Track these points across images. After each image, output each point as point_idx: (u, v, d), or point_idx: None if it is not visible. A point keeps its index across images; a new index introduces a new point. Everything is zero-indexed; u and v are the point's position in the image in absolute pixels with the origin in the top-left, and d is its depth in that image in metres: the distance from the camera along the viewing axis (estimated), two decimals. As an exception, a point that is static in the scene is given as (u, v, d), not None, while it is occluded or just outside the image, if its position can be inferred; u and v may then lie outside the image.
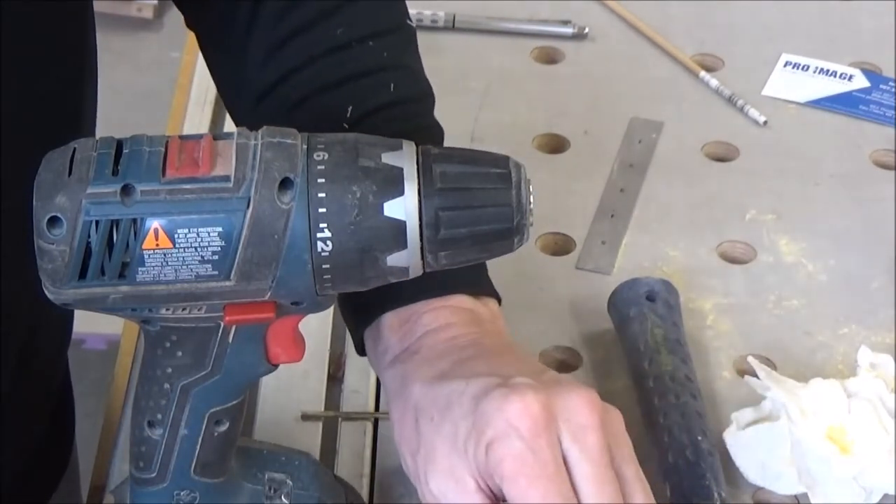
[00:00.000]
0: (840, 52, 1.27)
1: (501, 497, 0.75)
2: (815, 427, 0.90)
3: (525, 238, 0.72)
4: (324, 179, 0.68)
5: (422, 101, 0.91)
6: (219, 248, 0.68)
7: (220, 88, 0.96)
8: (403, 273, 0.71)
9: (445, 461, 0.76)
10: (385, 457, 0.94)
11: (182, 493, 0.78)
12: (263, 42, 0.89)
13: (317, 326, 1.03)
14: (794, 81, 1.24)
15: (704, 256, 1.09)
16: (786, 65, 1.26)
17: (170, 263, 0.68)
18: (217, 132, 0.71)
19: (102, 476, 0.98)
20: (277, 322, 0.73)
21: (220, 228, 0.67)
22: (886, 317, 1.03)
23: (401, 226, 0.69)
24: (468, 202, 0.70)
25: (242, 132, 0.70)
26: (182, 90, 1.28)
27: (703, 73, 1.25)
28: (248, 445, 0.84)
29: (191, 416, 0.75)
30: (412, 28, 0.93)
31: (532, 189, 0.71)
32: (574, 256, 1.08)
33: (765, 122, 1.20)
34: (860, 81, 1.24)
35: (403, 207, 0.69)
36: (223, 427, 0.76)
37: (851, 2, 1.33)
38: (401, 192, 0.69)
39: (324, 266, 0.69)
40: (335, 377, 1.02)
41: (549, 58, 1.28)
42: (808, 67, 1.26)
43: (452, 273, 0.79)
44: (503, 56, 1.27)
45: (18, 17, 0.80)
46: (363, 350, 0.88)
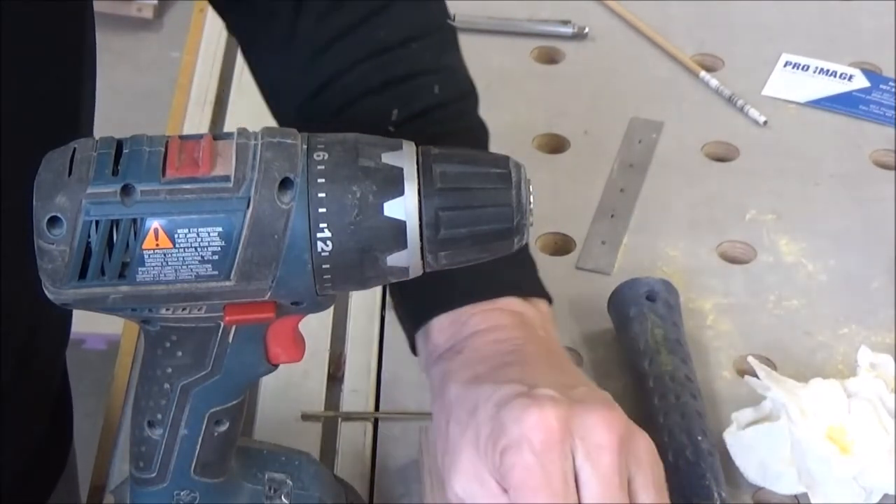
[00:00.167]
0: (840, 52, 1.27)
1: None
2: (815, 427, 0.90)
3: (525, 238, 0.72)
4: (324, 179, 0.68)
5: (465, 101, 0.91)
6: (219, 248, 0.68)
7: (263, 93, 0.95)
8: (403, 273, 0.71)
9: (469, 464, 0.77)
10: (385, 457, 0.94)
11: (182, 493, 0.78)
12: (305, 47, 0.88)
13: (317, 326, 1.03)
14: (794, 81, 1.24)
15: (704, 256, 1.09)
16: (786, 65, 1.26)
17: (170, 263, 0.68)
18: (217, 132, 0.71)
19: (102, 476, 0.98)
20: (277, 322, 0.73)
21: (220, 228, 0.67)
22: (886, 317, 1.03)
23: (401, 226, 0.69)
24: (468, 202, 0.70)
25: (242, 132, 0.70)
26: (182, 90, 1.28)
27: (703, 73, 1.25)
28: (248, 445, 0.84)
29: (191, 416, 0.75)
30: (453, 27, 0.92)
31: (532, 189, 0.71)
32: (574, 256, 1.08)
33: (765, 122, 1.20)
34: (860, 81, 1.24)
35: (403, 207, 0.69)
36: (223, 427, 0.76)
37: (851, 2, 1.34)
38: (401, 192, 0.69)
39: (324, 266, 0.69)
40: (335, 377, 1.02)
41: (549, 58, 1.28)
42: (808, 67, 1.26)
43: (502, 275, 0.79)
44: (503, 56, 1.27)
45: (17, 17, 0.80)
46: (416, 350, 0.89)
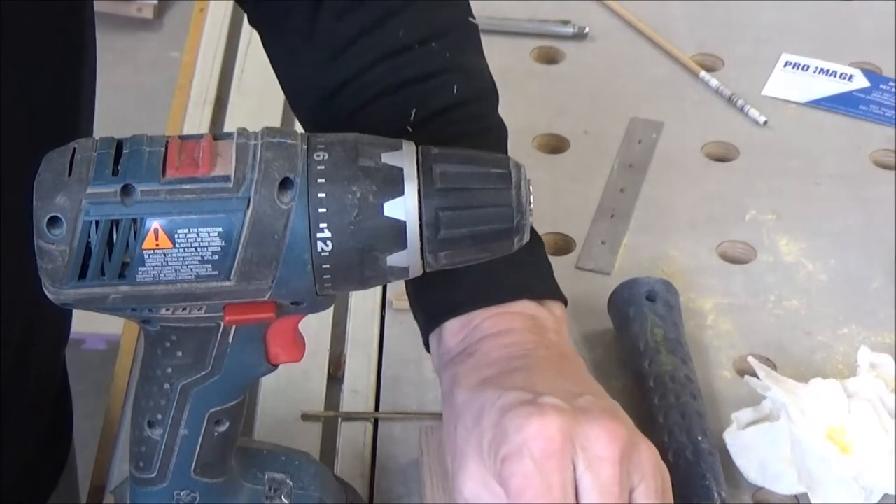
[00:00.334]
0: (840, 52, 1.27)
1: None
2: (815, 427, 0.90)
3: (525, 238, 0.72)
4: (324, 179, 0.68)
5: (485, 101, 0.90)
6: (219, 248, 0.68)
7: (285, 91, 0.94)
8: (403, 273, 0.71)
9: (476, 469, 0.76)
10: (385, 457, 0.94)
11: (182, 493, 0.78)
12: (324, 45, 0.88)
13: (317, 326, 1.03)
14: (794, 81, 1.24)
15: (704, 256, 1.09)
16: (786, 65, 1.26)
17: (170, 263, 0.68)
18: (217, 132, 0.71)
19: (102, 476, 0.98)
20: (277, 322, 0.73)
21: (220, 228, 0.67)
22: (886, 317, 1.03)
23: (401, 226, 0.69)
24: (468, 202, 0.70)
25: (242, 132, 0.70)
26: (182, 90, 1.28)
27: (703, 73, 1.25)
28: (248, 445, 0.84)
29: (191, 416, 0.75)
30: (474, 25, 0.91)
31: (532, 189, 0.71)
32: (574, 256, 1.08)
33: (765, 122, 1.20)
34: (860, 81, 1.24)
35: (403, 207, 0.69)
36: (223, 427, 0.76)
37: (851, 2, 1.33)
38: (401, 192, 0.69)
39: (324, 266, 0.69)
40: (335, 377, 1.02)
41: (549, 58, 1.28)
42: (808, 67, 1.26)
43: (516, 278, 0.78)
44: (503, 56, 1.27)
45: (16, 17, 0.80)
46: (429, 349, 0.88)
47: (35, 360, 0.96)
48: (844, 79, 1.24)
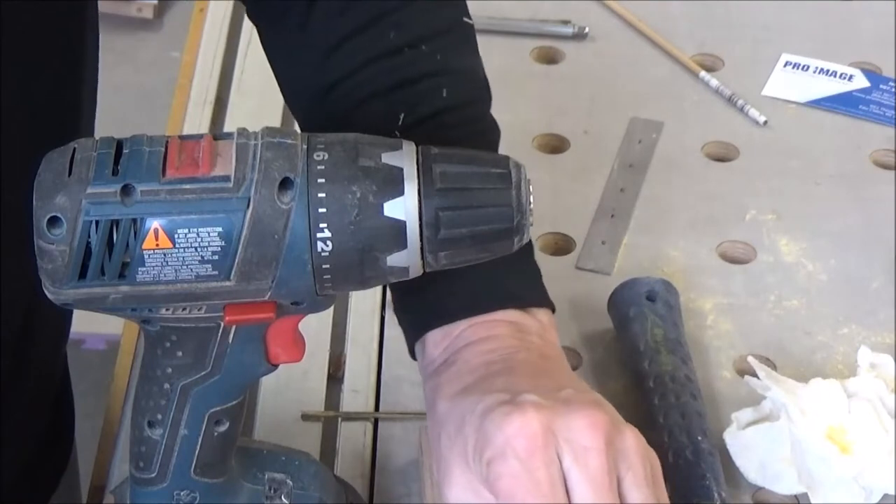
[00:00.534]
0: (840, 52, 1.27)
1: None
2: (815, 427, 0.90)
3: (525, 238, 0.72)
4: (324, 179, 0.68)
5: (475, 104, 0.90)
6: (219, 248, 0.68)
7: (281, 87, 0.94)
8: (403, 273, 0.71)
9: (462, 476, 0.76)
10: (385, 457, 0.94)
11: (182, 493, 0.78)
12: (317, 44, 0.87)
13: (317, 326, 1.03)
14: (794, 81, 1.24)
15: (704, 256, 1.09)
16: (786, 65, 1.26)
17: (170, 263, 0.68)
18: (217, 132, 0.71)
19: (102, 476, 0.98)
20: (277, 322, 0.73)
21: (220, 228, 0.67)
22: (886, 317, 1.03)
23: (401, 226, 0.69)
24: (468, 202, 0.70)
25: (242, 132, 0.70)
26: (182, 90, 1.28)
27: (703, 73, 1.25)
28: (248, 445, 0.84)
29: (191, 416, 0.75)
30: (469, 25, 0.91)
31: (532, 189, 0.71)
32: (574, 256, 1.08)
33: (765, 122, 1.20)
34: (860, 81, 1.24)
35: (403, 207, 0.69)
36: (223, 427, 0.76)
37: (851, 2, 1.33)
38: (401, 192, 0.69)
39: (324, 266, 0.69)
40: (335, 377, 1.02)
41: (549, 58, 1.28)
42: (808, 67, 1.26)
43: (501, 287, 0.78)
44: (503, 56, 1.27)
45: (16, 16, 0.80)
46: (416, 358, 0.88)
47: (35, 360, 0.96)
48: (844, 79, 1.24)
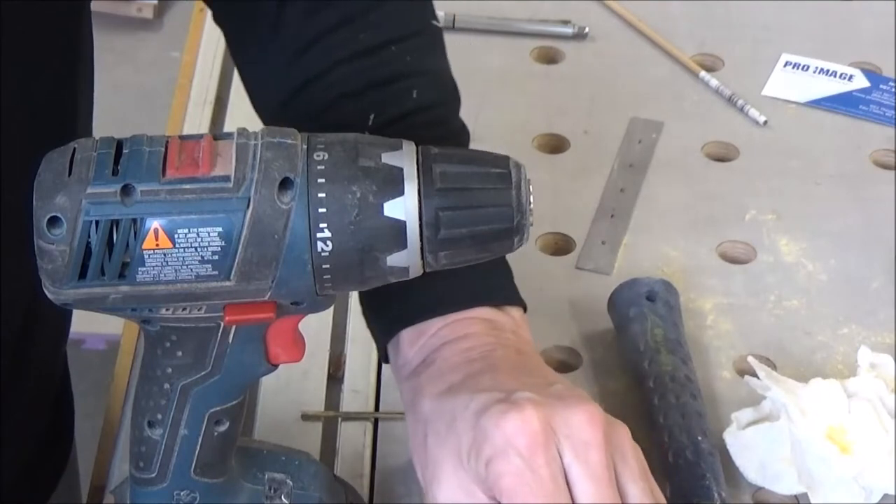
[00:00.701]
0: (840, 52, 1.27)
1: None
2: (815, 427, 0.90)
3: (525, 238, 0.72)
4: (324, 179, 0.68)
5: (445, 106, 0.90)
6: (219, 248, 0.68)
7: (247, 89, 0.94)
8: (403, 273, 0.71)
9: (453, 475, 0.76)
10: (385, 457, 0.94)
11: (182, 493, 0.78)
12: (288, 45, 0.88)
13: (317, 326, 1.03)
14: (794, 81, 1.24)
15: (704, 256, 1.09)
16: (786, 65, 1.26)
17: (170, 263, 0.68)
18: (217, 132, 0.71)
19: (102, 476, 0.98)
20: (277, 322, 0.73)
21: (220, 228, 0.67)
22: (886, 317, 1.03)
23: (401, 226, 0.69)
24: (468, 202, 0.70)
25: (242, 132, 0.70)
26: (182, 90, 1.28)
27: (703, 73, 1.25)
28: (248, 445, 0.84)
29: (191, 416, 0.75)
30: (437, 28, 0.91)
31: (532, 189, 0.71)
32: (574, 256, 1.08)
33: (765, 122, 1.20)
34: (860, 81, 1.24)
35: (403, 207, 0.69)
36: (223, 427, 0.76)
37: (851, 2, 1.34)
38: (401, 192, 0.69)
39: (324, 266, 0.69)
40: (335, 377, 1.02)
41: (549, 58, 1.28)
42: (808, 67, 1.26)
43: (473, 285, 0.78)
44: (503, 56, 1.27)
45: (15, 16, 0.80)
46: (388, 360, 0.88)
47: (35, 360, 0.96)
48: (844, 79, 1.24)
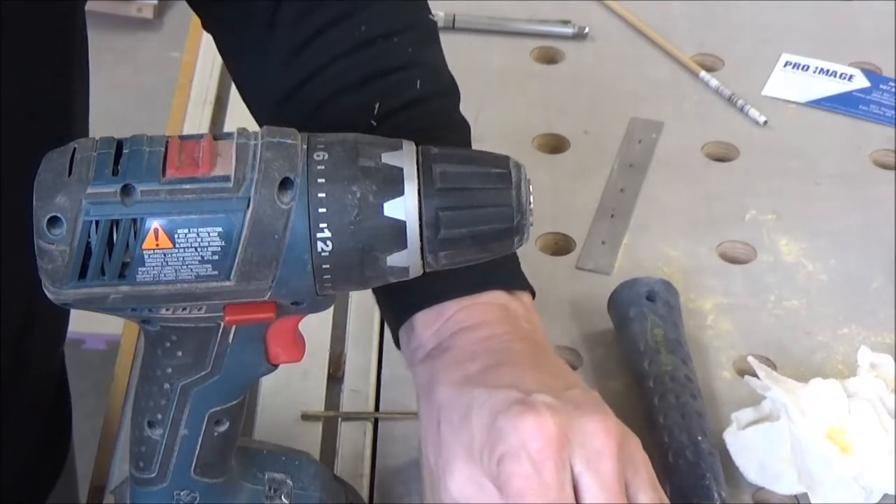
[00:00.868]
0: (840, 52, 1.27)
1: None
2: (815, 427, 0.90)
3: (525, 238, 0.72)
4: (324, 179, 0.68)
5: (447, 97, 0.90)
6: (219, 248, 0.68)
7: (241, 90, 0.94)
8: (403, 273, 0.71)
9: (465, 467, 0.76)
10: (385, 457, 0.94)
11: (182, 493, 0.78)
12: (284, 44, 0.88)
13: (317, 326, 1.03)
14: (794, 81, 1.24)
15: (704, 256, 1.09)
16: (786, 65, 1.26)
17: (170, 263, 0.68)
18: (217, 132, 0.71)
19: (102, 476, 0.98)
20: (277, 322, 0.73)
21: (220, 228, 0.67)
22: (886, 317, 1.03)
23: (401, 226, 0.69)
24: (468, 202, 0.70)
25: (242, 132, 0.70)
26: (182, 90, 1.28)
27: (703, 73, 1.25)
28: (248, 445, 0.84)
29: (191, 416, 0.75)
30: (434, 22, 0.92)
31: (532, 189, 0.71)
32: (574, 256, 1.08)
33: (765, 122, 1.20)
34: (860, 81, 1.24)
35: (403, 207, 0.69)
36: (223, 427, 0.76)
37: (851, 2, 1.34)
38: (401, 192, 0.69)
39: (324, 266, 0.69)
40: (335, 377, 1.02)
41: (549, 58, 1.28)
42: (808, 67, 1.26)
43: (486, 269, 0.79)
44: (503, 56, 1.27)
45: (15, 16, 0.80)
46: (400, 345, 0.88)
47: (34, 360, 0.96)
48: (844, 79, 1.24)
